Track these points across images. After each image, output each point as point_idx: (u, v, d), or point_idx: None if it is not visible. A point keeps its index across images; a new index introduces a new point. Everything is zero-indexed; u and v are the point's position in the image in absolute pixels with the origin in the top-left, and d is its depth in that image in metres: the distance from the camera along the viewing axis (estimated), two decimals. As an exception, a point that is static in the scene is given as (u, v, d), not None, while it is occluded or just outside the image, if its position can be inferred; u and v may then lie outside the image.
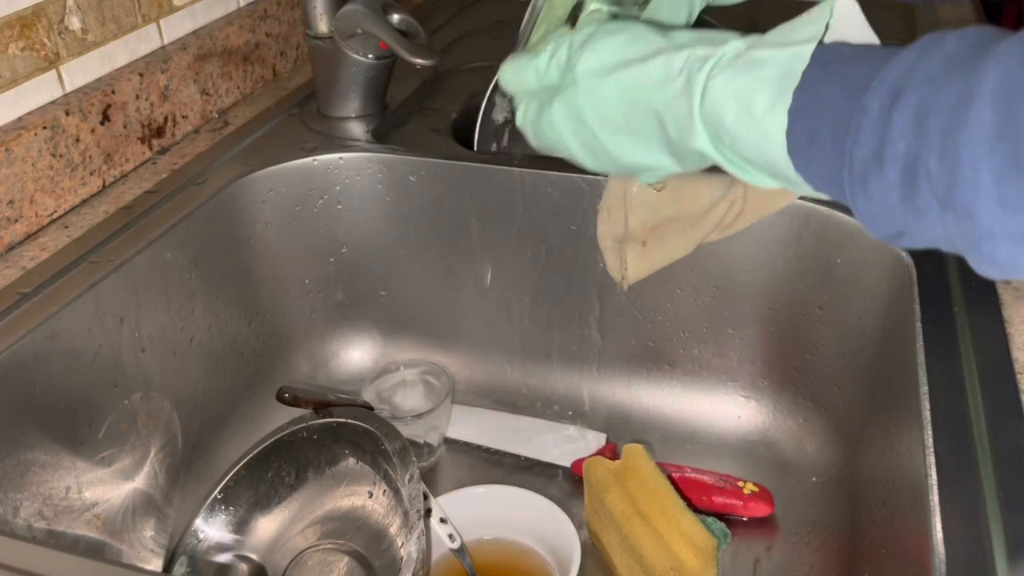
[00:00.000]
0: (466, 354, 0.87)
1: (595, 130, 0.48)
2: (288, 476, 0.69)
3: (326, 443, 0.68)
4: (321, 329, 0.86)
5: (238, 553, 0.67)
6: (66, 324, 0.61)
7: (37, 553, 0.45)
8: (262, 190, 0.79)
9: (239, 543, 0.67)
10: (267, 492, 0.68)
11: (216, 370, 0.76)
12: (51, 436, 0.60)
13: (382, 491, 0.65)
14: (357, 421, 0.65)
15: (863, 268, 0.70)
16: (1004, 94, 0.32)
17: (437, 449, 0.78)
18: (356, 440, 0.66)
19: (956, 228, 0.34)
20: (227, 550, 0.67)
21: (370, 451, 0.65)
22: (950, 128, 0.33)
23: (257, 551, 0.67)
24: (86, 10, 0.73)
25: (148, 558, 0.67)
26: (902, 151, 0.35)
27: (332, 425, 0.67)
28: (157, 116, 0.80)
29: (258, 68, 0.93)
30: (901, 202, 0.36)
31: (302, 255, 0.83)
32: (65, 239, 0.68)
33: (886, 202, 0.36)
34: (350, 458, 0.67)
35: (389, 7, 0.80)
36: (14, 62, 0.67)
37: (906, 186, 0.35)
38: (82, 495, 0.63)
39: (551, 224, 0.78)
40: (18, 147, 0.66)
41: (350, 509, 0.67)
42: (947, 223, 0.34)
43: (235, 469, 0.68)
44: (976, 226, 0.33)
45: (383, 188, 0.82)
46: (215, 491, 0.67)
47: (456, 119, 0.91)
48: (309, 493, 0.68)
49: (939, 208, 0.34)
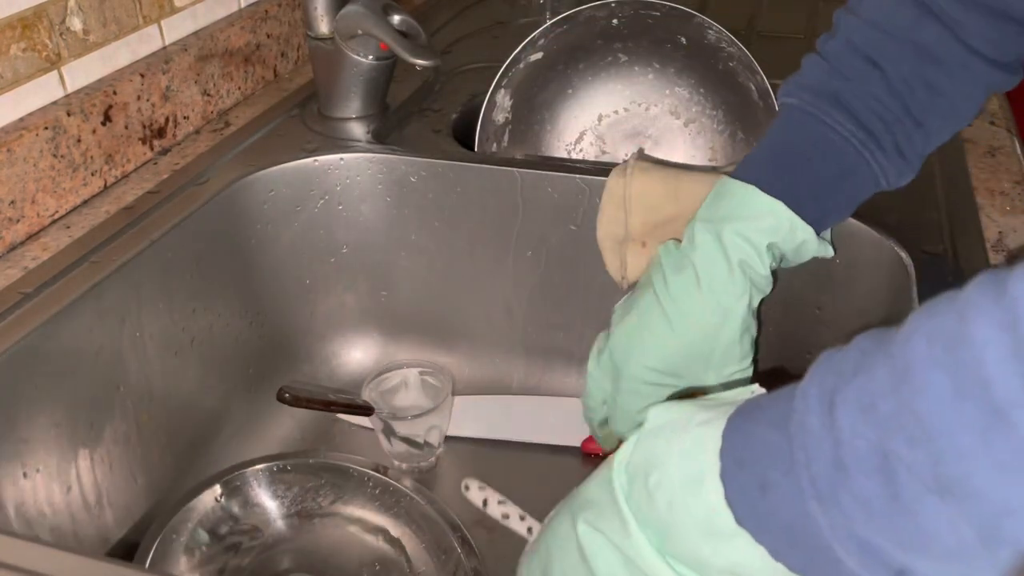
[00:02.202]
0: (466, 354, 0.87)
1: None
2: (325, 499, 0.69)
3: (382, 500, 0.68)
4: (321, 329, 0.86)
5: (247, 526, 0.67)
6: (67, 324, 0.61)
7: (38, 552, 0.45)
8: (263, 190, 0.79)
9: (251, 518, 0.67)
10: (296, 498, 0.68)
11: (217, 370, 0.76)
12: (52, 436, 0.60)
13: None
14: (436, 521, 0.66)
15: (863, 268, 0.70)
16: (946, 350, 0.29)
17: (437, 448, 0.78)
18: (418, 523, 0.66)
19: (964, 518, 0.29)
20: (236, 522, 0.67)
21: (426, 541, 0.66)
22: (903, 405, 0.30)
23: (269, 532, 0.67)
24: (87, 11, 0.73)
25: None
26: (863, 449, 0.31)
27: (400, 498, 0.67)
28: (158, 117, 0.80)
29: (259, 69, 0.93)
30: (886, 505, 0.30)
31: (303, 255, 0.83)
32: (66, 239, 0.69)
33: (870, 511, 0.31)
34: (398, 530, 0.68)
35: (389, 8, 0.80)
36: (15, 63, 0.68)
37: (884, 485, 0.30)
38: (84, 494, 0.63)
39: (551, 224, 0.78)
40: (19, 147, 0.66)
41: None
42: (952, 518, 0.29)
43: (287, 460, 0.68)
44: (985, 501, 0.28)
45: (383, 188, 0.82)
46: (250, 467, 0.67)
47: (456, 119, 0.91)
48: (333, 520, 0.68)
49: (934, 496, 0.29)
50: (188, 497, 0.64)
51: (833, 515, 0.32)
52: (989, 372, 0.27)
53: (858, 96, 0.55)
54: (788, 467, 0.33)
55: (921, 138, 0.56)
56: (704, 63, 0.84)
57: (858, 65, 0.55)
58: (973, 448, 0.28)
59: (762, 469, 0.34)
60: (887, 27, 0.55)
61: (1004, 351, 0.27)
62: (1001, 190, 0.73)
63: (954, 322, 0.29)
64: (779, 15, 1.16)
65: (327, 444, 0.81)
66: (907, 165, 0.57)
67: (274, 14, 0.94)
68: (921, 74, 0.54)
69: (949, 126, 0.57)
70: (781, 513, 0.34)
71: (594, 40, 0.85)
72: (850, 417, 0.31)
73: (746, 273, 0.57)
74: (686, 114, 0.86)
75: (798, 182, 0.57)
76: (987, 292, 0.29)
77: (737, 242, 0.56)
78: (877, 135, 0.55)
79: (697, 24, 0.81)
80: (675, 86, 0.85)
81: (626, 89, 0.86)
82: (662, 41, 0.84)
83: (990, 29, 0.53)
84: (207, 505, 0.65)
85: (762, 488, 0.34)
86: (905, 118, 0.55)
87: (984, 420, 0.28)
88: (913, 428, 0.29)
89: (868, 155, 0.55)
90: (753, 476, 0.35)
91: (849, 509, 0.31)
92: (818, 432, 0.32)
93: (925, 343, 0.30)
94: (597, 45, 0.86)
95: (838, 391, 0.32)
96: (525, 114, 0.88)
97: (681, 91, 0.85)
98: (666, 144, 0.86)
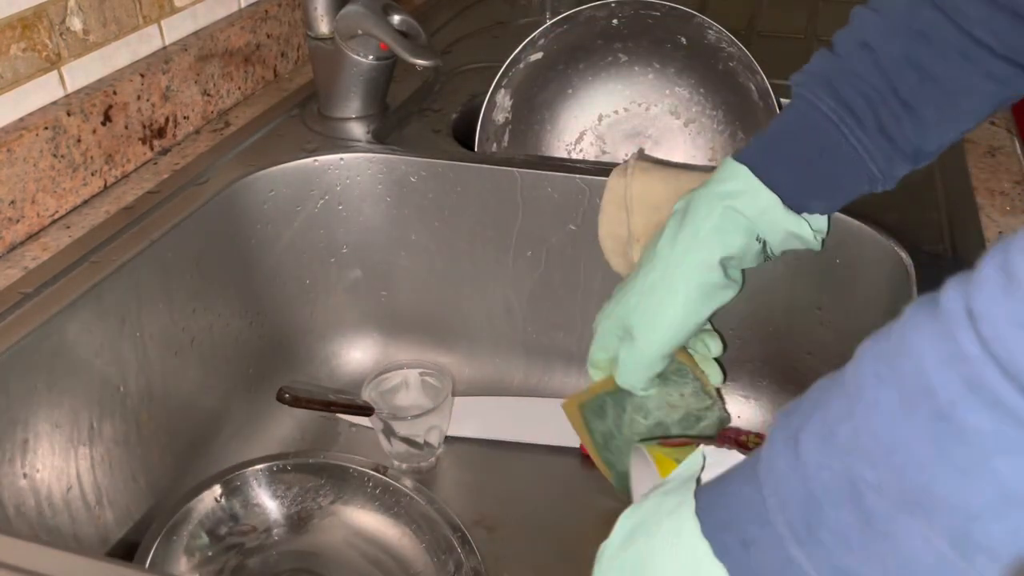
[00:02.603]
0: (466, 354, 0.87)
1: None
2: (325, 499, 0.69)
3: (382, 500, 0.68)
4: (321, 329, 0.86)
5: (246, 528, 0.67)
6: (67, 324, 0.61)
7: (38, 552, 0.45)
8: (263, 190, 0.79)
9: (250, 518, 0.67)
10: (296, 498, 0.68)
11: (217, 370, 0.76)
12: (52, 436, 0.60)
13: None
14: (436, 521, 0.66)
15: (863, 268, 0.70)
16: (889, 367, 0.30)
17: (437, 449, 0.78)
18: (418, 523, 0.66)
19: (935, 531, 0.29)
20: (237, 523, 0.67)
21: (426, 541, 0.66)
22: (859, 426, 0.31)
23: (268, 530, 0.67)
24: (87, 11, 0.73)
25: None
26: (830, 480, 0.31)
27: (400, 497, 0.68)
28: (158, 117, 0.80)
29: (259, 69, 0.93)
30: (862, 533, 0.31)
31: (303, 255, 0.83)
32: (66, 239, 0.69)
33: (847, 543, 0.31)
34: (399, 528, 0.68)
35: (389, 8, 0.80)
36: (15, 63, 0.68)
37: (856, 512, 0.31)
38: (84, 494, 0.63)
39: (551, 224, 0.78)
40: (19, 147, 0.66)
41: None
42: (924, 534, 0.29)
43: (287, 460, 0.68)
44: (950, 509, 0.28)
45: (383, 188, 0.82)
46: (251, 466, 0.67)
47: (456, 119, 0.91)
48: (333, 520, 0.68)
49: (904, 514, 0.29)
50: (188, 497, 0.64)
51: (814, 554, 0.32)
52: (931, 380, 0.29)
53: (843, 75, 0.56)
54: (764, 518, 0.34)
55: (913, 124, 0.55)
56: (704, 63, 0.84)
57: (852, 48, 0.56)
58: (929, 457, 0.29)
59: (742, 524, 0.35)
60: (885, 11, 0.56)
61: (942, 357, 0.28)
62: (1001, 190, 0.73)
63: (896, 340, 0.31)
64: (779, 15, 1.16)
65: (327, 444, 0.81)
66: (896, 150, 0.56)
67: (274, 14, 0.94)
68: (911, 55, 0.54)
69: (949, 119, 0.56)
70: (767, 565, 0.34)
71: (594, 40, 0.85)
72: (813, 450, 0.32)
73: (714, 236, 0.58)
74: (686, 114, 0.86)
75: (774, 156, 0.58)
76: (923, 309, 0.30)
77: (702, 202, 0.59)
78: (858, 113, 0.56)
79: (697, 24, 0.81)
80: (675, 86, 0.85)
81: (626, 89, 0.86)
82: (662, 41, 0.84)
83: (993, 19, 0.53)
84: (207, 505, 0.65)
85: (744, 544, 0.35)
86: (891, 98, 0.55)
87: (934, 427, 0.28)
88: (872, 447, 0.30)
89: (847, 131, 0.56)
90: (735, 534, 0.35)
91: (829, 544, 0.32)
92: (786, 472, 0.33)
93: (871, 364, 0.31)
94: (597, 45, 0.86)
95: (801, 429, 0.33)
96: (525, 114, 0.88)
97: (681, 91, 0.85)
98: (666, 144, 0.86)
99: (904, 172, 0.58)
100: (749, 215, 0.58)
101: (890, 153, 0.56)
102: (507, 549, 0.71)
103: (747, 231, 0.58)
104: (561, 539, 0.72)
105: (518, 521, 0.73)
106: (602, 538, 0.45)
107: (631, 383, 0.63)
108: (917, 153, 0.57)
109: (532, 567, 0.70)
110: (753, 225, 0.58)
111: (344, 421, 0.82)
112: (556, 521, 0.73)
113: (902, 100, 0.55)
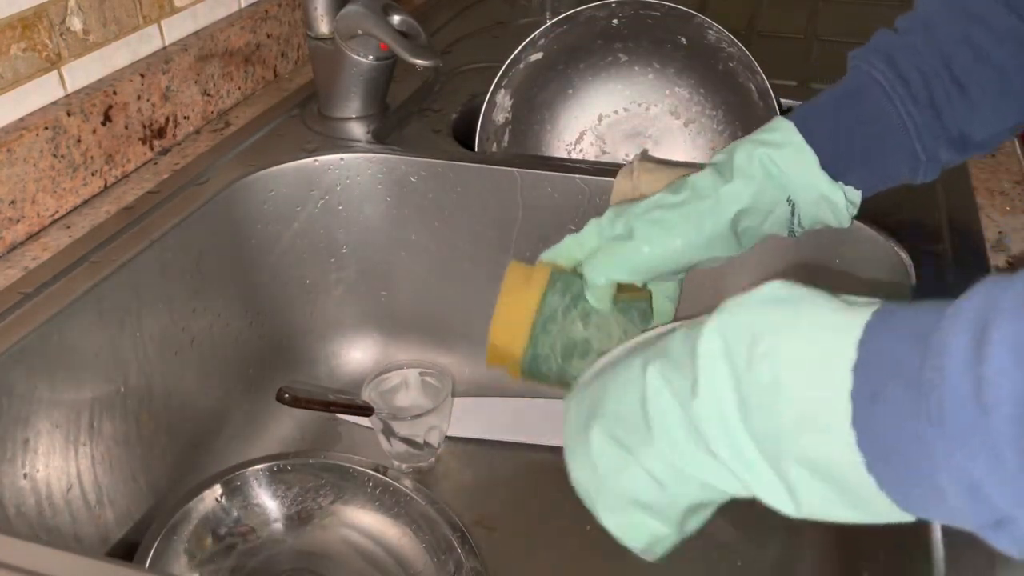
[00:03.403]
0: (466, 354, 0.87)
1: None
2: (325, 499, 0.69)
3: (382, 500, 0.68)
4: (321, 329, 0.86)
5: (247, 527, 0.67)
6: (67, 324, 0.61)
7: (38, 552, 0.45)
8: (263, 190, 0.79)
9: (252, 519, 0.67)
10: (296, 498, 0.68)
11: (217, 370, 0.76)
12: (52, 436, 0.60)
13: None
14: (436, 521, 0.66)
15: (863, 268, 0.70)
16: None
17: (437, 449, 0.78)
18: (418, 523, 0.67)
19: None
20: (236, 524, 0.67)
21: (426, 541, 0.66)
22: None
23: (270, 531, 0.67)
24: (87, 11, 0.73)
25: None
26: (1007, 394, 0.27)
27: (400, 497, 0.68)
28: (158, 117, 0.80)
29: (259, 69, 0.93)
30: (1019, 460, 0.27)
31: (303, 255, 0.83)
32: (67, 239, 0.69)
33: (999, 462, 0.28)
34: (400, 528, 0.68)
35: (389, 8, 0.80)
36: (16, 63, 0.68)
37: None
38: (84, 494, 0.63)
39: (551, 224, 0.78)
40: (20, 147, 0.66)
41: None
42: None
43: (287, 460, 0.68)
44: None
45: (383, 188, 0.82)
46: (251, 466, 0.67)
47: (456, 119, 0.91)
48: (333, 520, 0.68)
49: None
50: (188, 497, 0.64)
51: (954, 451, 0.29)
52: None
53: (901, 49, 0.57)
54: (912, 385, 0.30)
55: (963, 104, 0.55)
56: (704, 63, 0.84)
57: (912, 26, 0.57)
58: None
59: (880, 377, 0.32)
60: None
61: None
62: (1001, 190, 0.73)
63: None
64: (779, 15, 1.16)
65: (327, 444, 0.81)
66: (943, 130, 0.56)
67: (274, 14, 0.94)
68: (967, 34, 0.55)
69: (999, 107, 0.56)
70: (888, 429, 0.31)
71: (594, 40, 0.85)
72: (1003, 357, 0.28)
73: (744, 183, 0.57)
74: (686, 114, 0.86)
75: (821, 118, 0.58)
76: None
77: (742, 150, 0.58)
78: (911, 83, 0.56)
79: (697, 24, 0.81)
80: (675, 86, 0.85)
81: (626, 89, 0.86)
82: (662, 41, 0.84)
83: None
84: (207, 505, 0.65)
85: (872, 397, 0.32)
86: (944, 73, 0.55)
87: None
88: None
89: (898, 101, 0.56)
90: (866, 382, 0.32)
91: (976, 451, 0.28)
92: (960, 361, 0.29)
93: None
94: (597, 45, 0.86)
95: (994, 325, 0.28)
96: (525, 114, 0.88)
97: (681, 91, 0.85)
98: (666, 144, 0.86)
99: (947, 160, 0.57)
100: (785, 169, 0.57)
101: (937, 132, 0.56)
102: (507, 549, 0.71)
103: (780, 187, 0.58)
104: (561, 539, 0.71)
105: (518, 521, 0.73)
106: (602, 537, 0.45)
107: (603, 273, 0.60)
108: (963, 139, 0.56)
109: (532, 567, 0.70)
110: (788, 181, 0.58)
111: (344, 421, 0.82)
112: (556, 521, 0.73)
113: (955, 77, 0.55)
